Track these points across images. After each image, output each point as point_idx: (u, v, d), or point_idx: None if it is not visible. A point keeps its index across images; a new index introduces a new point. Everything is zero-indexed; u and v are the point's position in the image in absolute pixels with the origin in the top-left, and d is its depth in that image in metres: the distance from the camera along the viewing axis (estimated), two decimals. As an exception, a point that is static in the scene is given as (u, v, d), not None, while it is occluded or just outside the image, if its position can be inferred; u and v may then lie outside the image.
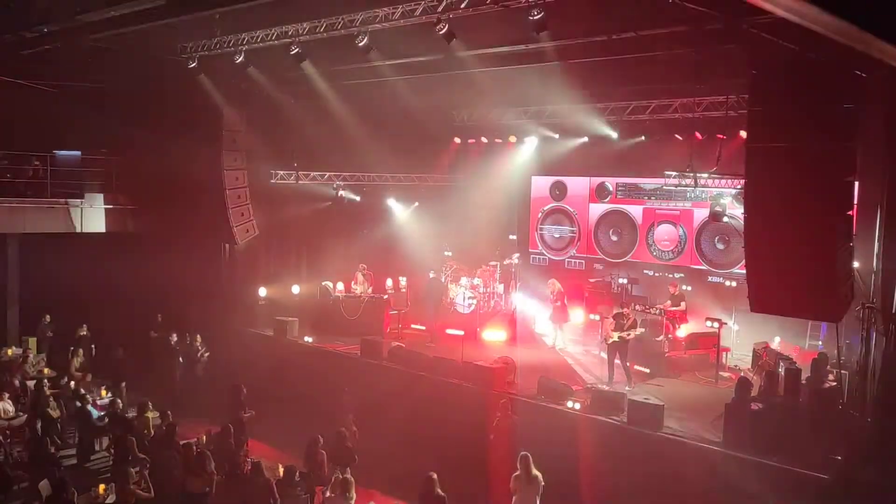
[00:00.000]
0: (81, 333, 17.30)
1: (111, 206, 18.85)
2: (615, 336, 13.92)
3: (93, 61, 15.36)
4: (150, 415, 13.00)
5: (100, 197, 18.68)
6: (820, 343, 15.07)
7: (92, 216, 18.54)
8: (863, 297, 11.44)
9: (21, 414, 13.78)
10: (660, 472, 10.90)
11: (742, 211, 10.87)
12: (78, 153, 18.65)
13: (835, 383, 12.00)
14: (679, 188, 16.65)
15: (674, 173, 14.73)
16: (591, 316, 17.12)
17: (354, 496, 9.83)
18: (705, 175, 14.08)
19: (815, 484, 9.71)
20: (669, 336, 15.44)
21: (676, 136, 17.20)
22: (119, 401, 13.88)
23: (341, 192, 19.57)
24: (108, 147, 18.80)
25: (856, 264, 11.21)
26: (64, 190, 18.06)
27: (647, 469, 11.03)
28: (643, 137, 18.37)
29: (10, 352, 16.52)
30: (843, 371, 12.06)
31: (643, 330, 14.63)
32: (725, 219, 14.71)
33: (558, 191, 21.44)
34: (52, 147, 18.16)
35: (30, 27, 12.76)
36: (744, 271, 11.17)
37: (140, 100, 16.97)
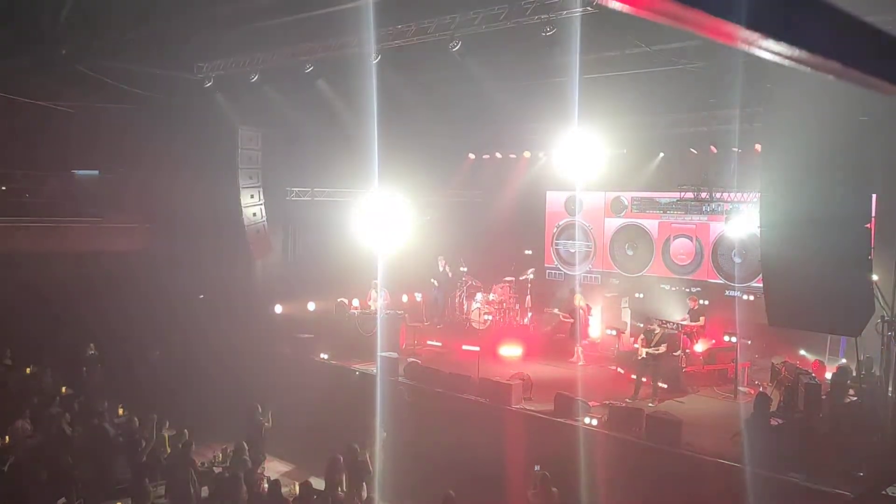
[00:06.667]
0: (90, 353, 17.38)
1: (129, 225, 19.01)
2: (644, 352, 13.83)
3: (110, 82, 15.56)
4: (166, 433, 13.03)
5: (118, 215, 18.85)
6: (842, 358, 14.86)
7: (111, 235, 18.70)
8: (882, 311, 11.30)
9: (40, 434, 13.83)
10: (678, 490, 10.77)
11: (758, 224, 10.81)
12: (96, 172, 18.86)
13: (855, 398, 11.84)
14: (694, 202, 16.57)
15: (690, 187, 14.70)
16: (608, 331, 17.01)
17: None
18: (721, 188, 14.03)
19: (837, 501, 9.56)
20: (687, 351, 15.31)
21: (692, 149, 17.13)
22: (136, 419, 13.91)
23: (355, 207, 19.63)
24: (126, 166, 19.00)
25: (875, 277, 11.08)
26: (83, 209, 18.24)
27: (665, 486, 10.90)
28: (661, 154, 18.31)
29: (28, 370, 16.64)
30: (863, 385, 11.90)
31: (664, 345, 14.49)
32: (742, 233, 14.62)
33: (573, 205, 21.38)
34: (71, 167, 18.37)
35: (49, 50, 12.93)
36: (761, 285, 11.08)
37: (157, 119, 17.14)
